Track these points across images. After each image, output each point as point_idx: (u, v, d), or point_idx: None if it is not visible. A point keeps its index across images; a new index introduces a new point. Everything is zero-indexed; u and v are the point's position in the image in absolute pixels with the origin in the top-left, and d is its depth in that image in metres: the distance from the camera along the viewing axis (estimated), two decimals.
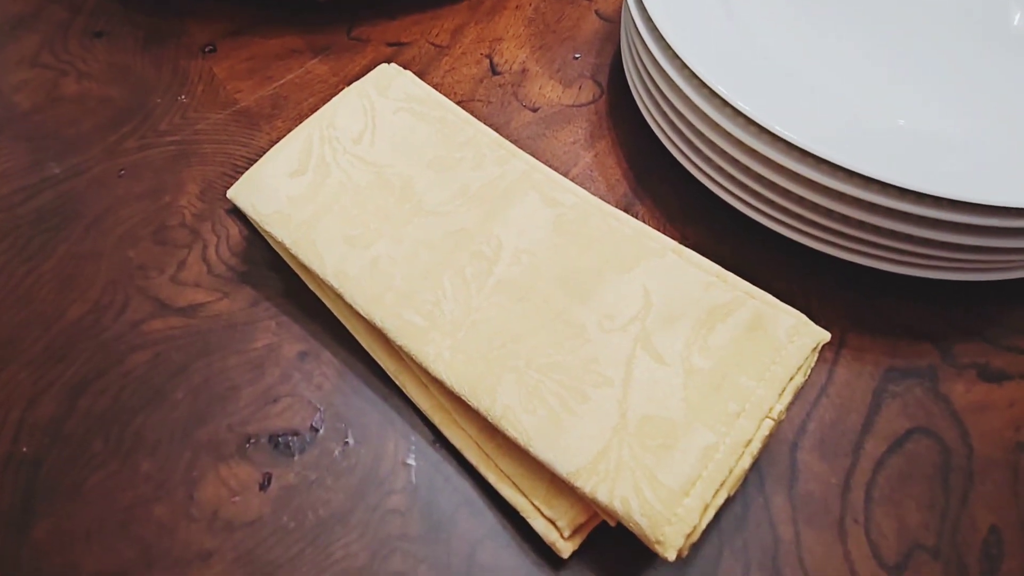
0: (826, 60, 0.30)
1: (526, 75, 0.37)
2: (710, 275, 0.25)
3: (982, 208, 0.25)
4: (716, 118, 0.28)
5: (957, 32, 0.32)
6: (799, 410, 0.28)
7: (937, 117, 0.29)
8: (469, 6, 0.40)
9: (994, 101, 0.29)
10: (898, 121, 0.29)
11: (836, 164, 0.26)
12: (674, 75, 0.29)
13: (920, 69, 0.30)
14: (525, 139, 0.35)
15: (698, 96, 0.28)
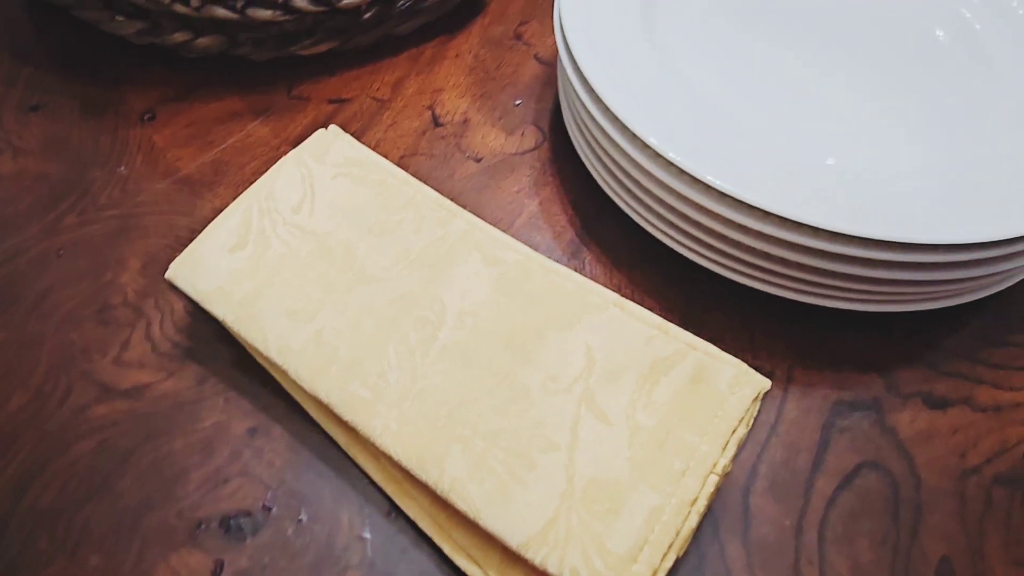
0: (756, 101, 0.31)
1: (468, 125, 0.38)
2: (652, 328, 0.25)
3: (912, 247, 0.26)
4: (648, 167, 0.28)
5: (886, 65, 0.33)
6: (750, 452, 0.28)
7: (866, 154, 0.29)
8: (409, 58, 0.41)
9: (921, 135, 0.30)
10: (827, 160, 0.29)
11: (767, 210, 0.26)
12: (606, 125, 0.29)
13: (849, 106, 0.31)
14: (469, 191, 0.35)
15: (630, 146, 0.29)
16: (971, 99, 0.31)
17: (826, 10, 0.34)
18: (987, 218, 0.26)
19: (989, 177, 0.28)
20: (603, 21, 0.32)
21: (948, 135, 0.30)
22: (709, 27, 0.33)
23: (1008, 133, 0.30)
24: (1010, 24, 0.33)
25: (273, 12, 0.35)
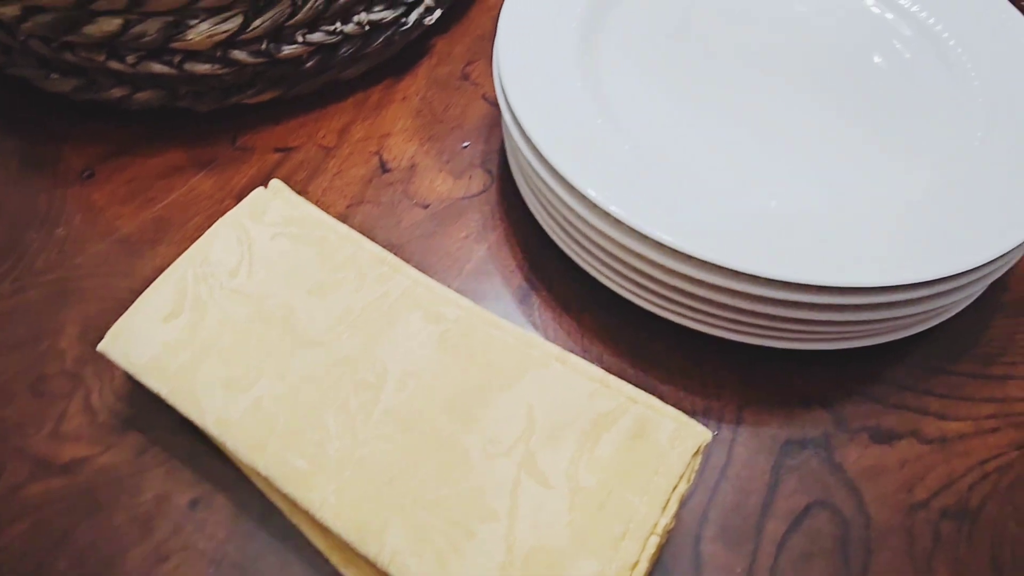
0: (696, 145, 0.31)
1: (416, 170, 0.38)
2: (594, 382, 0.25)
3: (853, 290, 0.26)
4: (589, 218, 0.28)
5: (825, 102, 0.33)
6: (700, 497, 0.28)
7: (807, 195, 0.29)
8: (355, 103, 0.40)
9: (860, 173, 0.30)
10: (769, 203, 0.29)
11: (707, 261, 0.26)
12: (545, 176, 0.29)
13: (790, 145, 0.31)
14: (417, 238, 0.35)
15: (570, 197, 0.29)
16: (910, 135, 0.32)
17: (763, 49, 0.35)
18: (928, 257, 0.26)
19: (927, 214, 0.28)
20: (541, 68, 0.32)
21: (886, 172, 0.30)
22: (647, 71, 0.34)
23: (947, 169, 0.30)
24: (942, 57, 0.34)
25: (212, 66, 0.35)
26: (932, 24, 0.35)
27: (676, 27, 0.35)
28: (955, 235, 0.27)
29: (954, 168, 0.30)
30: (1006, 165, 0.29)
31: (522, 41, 0.33)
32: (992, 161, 0.30)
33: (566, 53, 0.33)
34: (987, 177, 0.29)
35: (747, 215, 0.28)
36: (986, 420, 0.30)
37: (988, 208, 0.28)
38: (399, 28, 0.39)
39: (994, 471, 0.29)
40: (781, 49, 0.35)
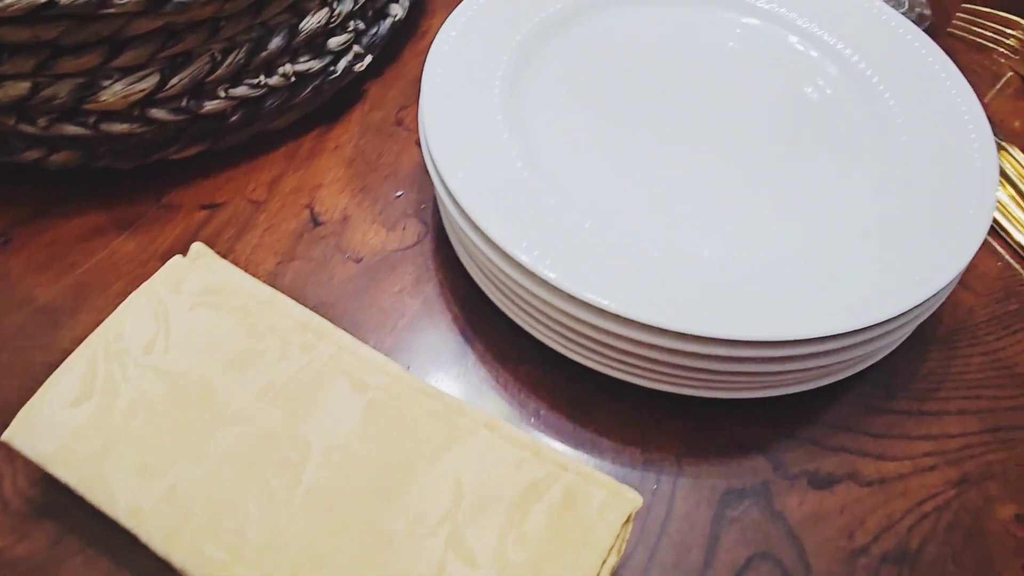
0: (626, 197, 0.31)
1: (348, 222, 0.37)
2: (524, 451, 0.25)
3: (781, 343, 0.26)
4: (516, 277, 0.28)
5: (753, 149, 0.33)
6: (641, 556, 0.27)
7: (735, 245, 0.29)
8: (286, 153, 0.40)
9: (788, 221, 0.30)
10: (702, 252, 0.29)
11: (634, 320, 0.26)
12: (470, 232, 0.29)
13: (717, 196, 0.31)
14: (349, 295, 0.34)
15: (497, 256, 0.28)
16: (835, 179, 0.32)
17: (690, 92, 0.35)
18: (852, 307, 0.26)
19: (851, 261, 0.28)
20: (466, 122, 0.31)
21: (812, 218, 0.30)
22: (574, 119, 0.33)
23: (870, 214, 0.30)
24: (866, 96, 0.34)
25: (130, 125, 0.34)
26: (856, 62, 0.35)
27: (603, 73, 0.35)
28: (879, 283, 0.27)
29: (877, 213, 0.30)
30: (927, 212, 0.30)
31: (446, 94, 0.32)
32: (914, 207, 0.30)
33: (492, 104, 0.32)
34: (908, 223, 0.29)
35: (675, 268, 0.28)
36: (923, 458, 0.30)
37: (910, 255, 0.28)
38: (327, 77, 0.39)
39: (932, 511, 0.29)
40: (708, 91, 0.35)
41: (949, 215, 0.29)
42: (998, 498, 0.29)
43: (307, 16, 0.36)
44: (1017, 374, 0.33)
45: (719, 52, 0.37)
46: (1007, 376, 0.33)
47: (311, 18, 0.36)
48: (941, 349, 0.34)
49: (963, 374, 0.33)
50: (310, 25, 0.36)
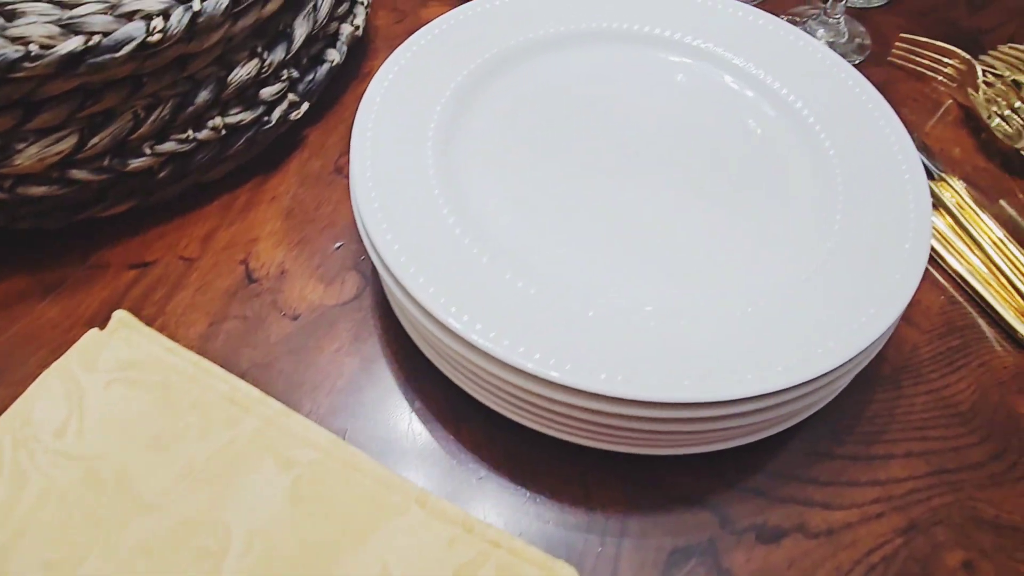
0: (561, 254, 0.30)
1: (285, 277, 0.36)
2: (455, 527, 0.24)
3: (723, 403, 0.26)
4: (447, 340, 0.27)
5: (690, 199, 0.33)
6: None
7: (670, 300, 0.28)
8: (221, 206, 0.38)
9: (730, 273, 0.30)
10: (639, 306, 0.28)
11: (568, 386, 0.25)
12: (399, 294, 0.28)
13: (651, 246, 0.31)
14: (285, 355, 0.33)
15: (423, 316, 0.27)
16: (771, 226, 0.31)
17: (622, 138, 0.34)
18: (791, 363, 0.26)
19: (789, 312, 0.28)
20: (397, 180, 0.31)
21: (750, 268, 0.30)
22: (509, 170, 0.33)
23: (808, 260, 0.30)
24: (803, 138, 0.34)
25: (48, 187, 0.33)
26: (792, 101, 0.35)
27: (538, 119, 0.35)
28: (816, 335, 0.27)
29: (812, 258, 0.30)
30: (862, 257, 0.29)
31: (376, 147, 0.31)
32: (849, 252, 0.30)
33: (424, 156, 0.32)
34: (843, 270, 0.29)
35: (610, 326, 0.27)
36: (871, 505, 0.30)
37: (847, 303, 0.28)
38: (261, 127, 0.38)
39: (880, 561, 0.29)
40: (643, 135, 0.34)
41: (884, 258, 0.29)
42: (945, 545, 0.29)
43: (236, 68, 0.35)
44: (961, 412, 0.33)
45: (654, 94, 0.36)
46: (952, 415, 0.33)
47: (240, 70, 0.35)
48: (886, 389, 0.33)
49: (909, 415, 0.33)
50: (239, 77, 0.35)
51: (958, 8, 0.52)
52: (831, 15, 0.47)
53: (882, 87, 0.46)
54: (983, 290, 0.36)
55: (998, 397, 0.33)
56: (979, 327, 0.36)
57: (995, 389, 0.33)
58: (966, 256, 0.37)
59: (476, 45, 0.36)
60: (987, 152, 0.43)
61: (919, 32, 0.49)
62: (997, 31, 0.51)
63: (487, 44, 0.36)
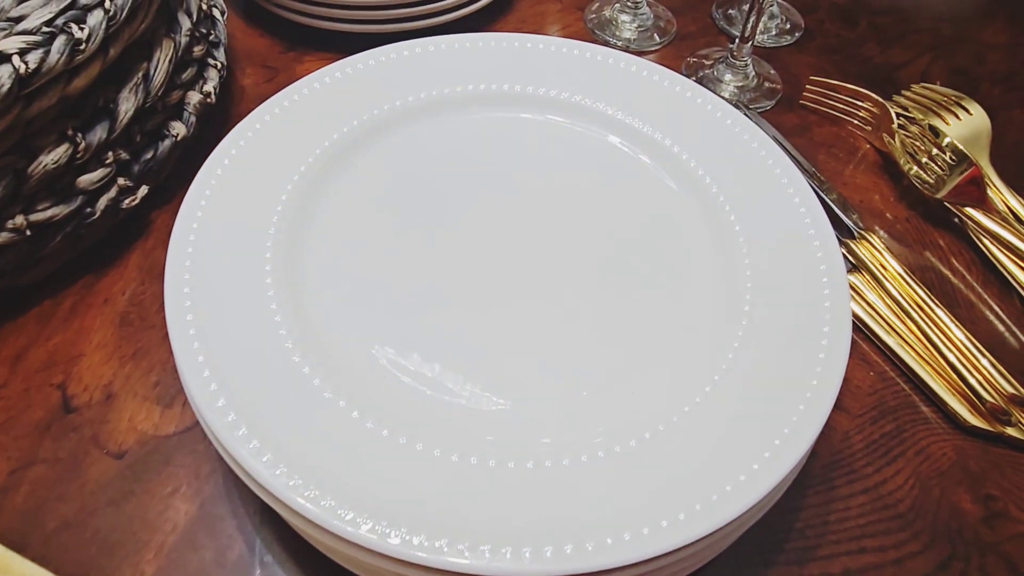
0: (422, 384, 0.25)
1: (112, 403, 0.30)
2: None
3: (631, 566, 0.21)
4: (272, 504, 0.22)
5: (583, 296, 0.28)
6: None
7: (558, 434, 0.24)
8: (38, 316, 0.32)
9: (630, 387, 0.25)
10: (542, 439, 0.24)
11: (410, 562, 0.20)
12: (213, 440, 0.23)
13: (540, 350, 0.26)
14: (105, 506, 0.27)
15: (248, 479, 0.22)
16: (668, 326, 0.27)
17: (503, 219, 0.30)
18: (693, 513, 0.21)
19: (687, 446, 0.23)
20: (226, 313, 0.25)
21: (643, 383, 0.26)
22: (359, 271, 0.28)
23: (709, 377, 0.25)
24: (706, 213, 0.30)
25: None
26: (695, 168, 0.31)
27: (398, 206, 0.30)
28: (721, 475, 0.22)
29: (715, 375, 0.25)
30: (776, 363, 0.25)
31: (199, 267, 0.26)
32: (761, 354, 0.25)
33: (260, 263, 0.27)
34: (755, 379, 0.25)
35: (471, 485, 0.22)
36: None
37: (756, 429, 0.23)
38: (83, 220, 0.32)
39: None
40: (517, 217, 0.30)
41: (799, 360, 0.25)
42: None
43: (39, 156, 0.29)
44: (901, 514, 0.29)
45: (535, 162, 0.32)
46: (891, 518, 0.29)
47: (45, 157, 0.29)
48: (818, 491, 0.29)
49: (844, 521, 0.29)
50: (44, 166, 0.29)
51: (868, 44, 0.50)
52: (738, 57, 0.44)
53: (796, 133, 0.44)
54: (914, 364, 0.32)
55: (939, 491, 0.30)
56: (914, 405, 0.32)
57: (936, 482, 0.30)
58: (894, 324, 0.34)
59: (331, 118, 0.31)
60: (908, 200, 0.40)
61: (831, 70, 0.47)
62: (910, 67, 0.48)
63: (343, 117, 0.31)
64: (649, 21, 0.49)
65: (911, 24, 0.52)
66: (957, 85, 0.44)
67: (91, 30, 0.29)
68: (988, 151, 0.40)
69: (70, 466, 0.28)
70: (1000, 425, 0.31)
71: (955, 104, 0.42)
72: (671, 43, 0.49)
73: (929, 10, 0.53)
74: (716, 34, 0.50)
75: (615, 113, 0.33)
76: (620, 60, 0.34)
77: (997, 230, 0.37)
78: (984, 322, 0.35)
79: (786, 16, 0.50)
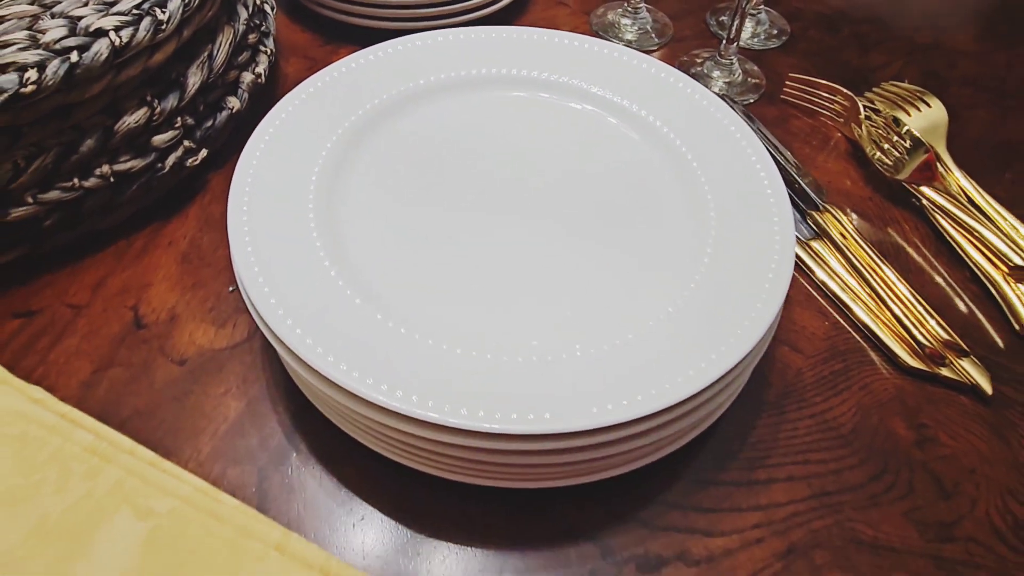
0: (436, 300, 0.30)
1: (175, 322, 0.35)
2: (312, 571, 0.24)
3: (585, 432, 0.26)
4: (318, 385, 0.27)
5: (567, 240, 0.33)
6: None
7: (547, 338, 0.29)
8: (115, 252, 0.38)
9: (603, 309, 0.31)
10: (509, 346, 0.29)
11: (439, 424, 0.25)
12: (273, 342, 0.28)
13: (528, 287, 0.31)
14: (169, 400, 0.33)
15: (295, 362, 0.27)
16: (645, 261, 0.32)
17: (494, 186, 0.35)
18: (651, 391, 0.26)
19: (655, 343, 0.28)
20: (275, 228, 0.31)
21: (619, 305, 0.31)
22: (387, 219, 0.33)
23: (677, 292, 0.31)
24: (681, 176, 0.36)
25: None
26: (673, 139, 0.37)
27: (417, 167, 0.35)
28: (678, 363, 0.27)
29: (681, 290, 0.30)
30: (726, 290, 0.30)
31: (256, 199, 0.32)
32: (718, 283, 0.31)
33: (304, 205, 0.32)
34: (709, 302, 0.30)
35: (477, 365, 0.27)
36: (752, 531, 0.30)
37: (708, 332, 0.28)
38: (155, 174, 0.38)
39: None
40: (521, 179, 0.35)
41: (748, 289, 0.30)
42: (824, 567, 0.29)
43: (124, 116, 0.36)
44: (842, 435, 0.33)
45: (536, 136, 0.37)
46: (833, 438, 0.33)
47: (128, 118, 0.36)
48: (770, 414, 0.34)
49: (792, 439, 0.33)
50: (127, 125, 0.35)
51: (848, 49, 0.55)
52: (725, 56, 0.49)
53: (776, 124, 0.49)
54: (864, 315, 0.37)
55: (878, 419, 0.34)
56: (862, 350, 0.37)
57: (876, 411, 0.34)
58: (849, 283, 0.39)
59: (362, 94, 0.37)
60: (873, 183, 0.45)
61: (812, 72, 0.52)
62: (885, 69, 0.53)
63: (372, 92, 0.37)
64: (648, 24, 0.54)
65: (890, 32, 0.57)
66: (928, 86, 0.49)
67: (170, 13, 0.35)
68: (945, 140, 0.45)
69: (141, 370, 0.34)
70: (936, 367, 0.35)
71: (917, 99, 0.47)
72: (668, 45, 0.54)
73: (909, 20, 0.58)
74: (709, 38, 0.55)
75: (605, 93, 0.38)
76: (614, 51, 0.40)
77: (949, 207, 0.41)
78: (933, 286, 0.40)
79: (774, 23, 0.56)
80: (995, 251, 0.39)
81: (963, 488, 0.32)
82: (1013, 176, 0.46)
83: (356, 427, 0.29)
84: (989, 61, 0.55)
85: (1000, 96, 0.52)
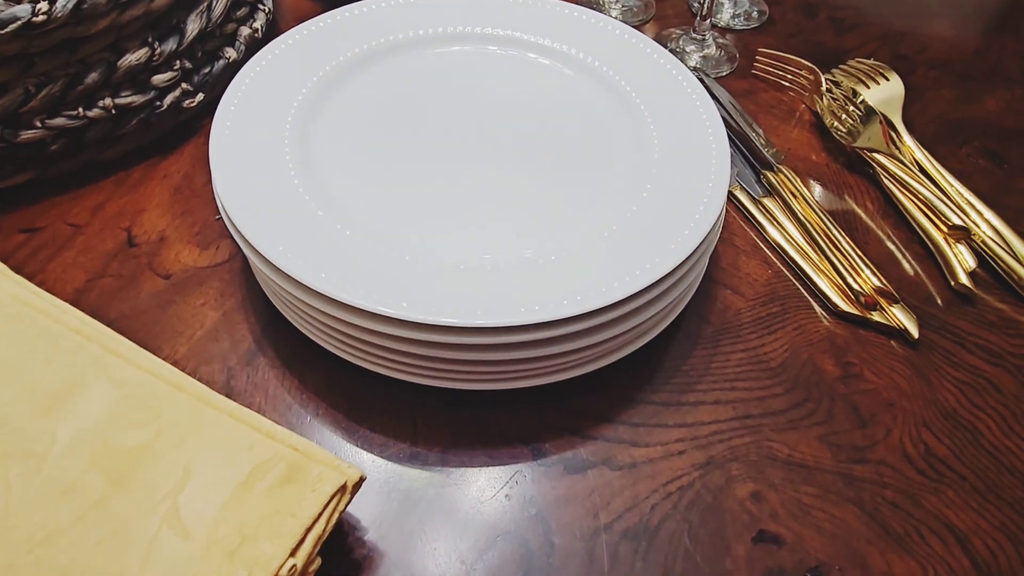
0: (397, 214, 0.33)
1: (164, 243, 0.39)
2: (259, 433, 0.26)
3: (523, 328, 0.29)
4: (279, 282, 0.30)
5: (519, 164, 0.36)
6: (395, 535, 0.29)
7: (496, 248, 0.32)
8: (115, 181, 0.42)
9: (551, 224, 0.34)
10: (459, 255, 0.32)
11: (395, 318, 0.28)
12: (236, 236, 0.31)
13: (483, 205, 0.34)
14: (153, 308, 0.36)
15: (260, 262, 0.30)
16: (590, 184, 0.35)
17: (458, 120, 0.38)
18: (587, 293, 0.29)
19: (592, 259, 0.31)
20: (251, 152, 0.34)
21: (562, 224, 0.33)
22: (357, 153, 0.36)
23: (617, 214, 0.33)
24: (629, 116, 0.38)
25: None
26: (628, 90, 0.39)
27: (386, 108, 0.38)
28: (610, 273, 0.30)
29: (621, 212, 0.33)
30: (666, 213, 0.33)
31: (236, 123, 0.35)
32: (657, 208, 0.33)
33: (280, 135, 0.35)
34: (645, 223, 0.32)
35: (428, 268, 0.30)
36: (675, 444, 0.33)
37: (639, 250, 0.31)
38: (154, 111, 0.41)
39: (676, 491, 0.31)
40: (482, 119, 0.38)
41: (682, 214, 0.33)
42: (738, 478, 0.32)
43: (127, 54, 0.39)
44: (771, 368, 0.36)
45: (499, 85, 0.40)
46: (762, 370, 0.36)
47: (131, 56, 0.39)
48: (706, 347, 0.36)
49: (723, 368, 0.36)
50: (129, 62, 0.39)
51: (824, 32, 0.57)
52: (698, 32, 0.52)
53: (745, 96, 0.51)
54: (803, 262, 0.40)
55: (807, 356, 0.36)
56: (800, 296, 0.39)
57: (806, 349, 0.37)
58: (792, 234, 0.41)
59: (337, 46, 0.40)
60: (832, 152, 0.47)
61: (786, 51, 0.54)
62: (857, 51, 0.56)
63: (347, 45, 0.40)
64: (632, 3, 0.57)
65: (866, 18, 0.59)
66: (896, 67, 0.51)
67: None
68: (900, 112, 0.48)
69: (129, 281, 0.37)
70: (867, 312, 0.38)
71: (877, 73, 0.49)
72: (649, 23, 0.57)
73: (886, 7, 0.60)
74: (691, 19, 0.58)
75: (565, 48, 0.41)
76: (582, 13, 0.43)
77: (897, 171, 0.43)
78: (877, 243, 0.42)
79: (753, 5, 0.58)
80: (937, 212, 0.41)
81: (880, 418, 0.34)
82: (969, 150, 0.48)
83: (318, 328, 0.32)
84: (959, 47, 0.57)
85: (964, 79, 0.54)
